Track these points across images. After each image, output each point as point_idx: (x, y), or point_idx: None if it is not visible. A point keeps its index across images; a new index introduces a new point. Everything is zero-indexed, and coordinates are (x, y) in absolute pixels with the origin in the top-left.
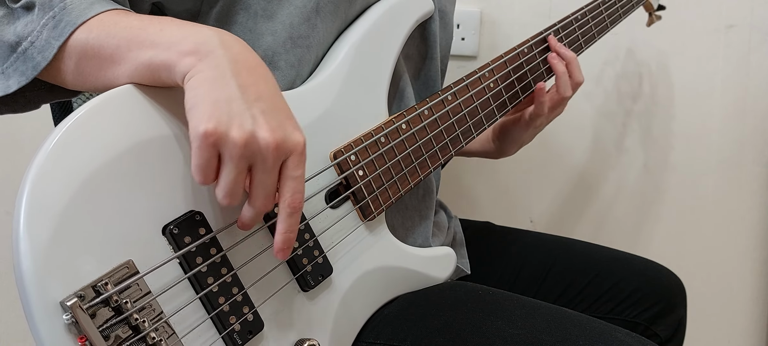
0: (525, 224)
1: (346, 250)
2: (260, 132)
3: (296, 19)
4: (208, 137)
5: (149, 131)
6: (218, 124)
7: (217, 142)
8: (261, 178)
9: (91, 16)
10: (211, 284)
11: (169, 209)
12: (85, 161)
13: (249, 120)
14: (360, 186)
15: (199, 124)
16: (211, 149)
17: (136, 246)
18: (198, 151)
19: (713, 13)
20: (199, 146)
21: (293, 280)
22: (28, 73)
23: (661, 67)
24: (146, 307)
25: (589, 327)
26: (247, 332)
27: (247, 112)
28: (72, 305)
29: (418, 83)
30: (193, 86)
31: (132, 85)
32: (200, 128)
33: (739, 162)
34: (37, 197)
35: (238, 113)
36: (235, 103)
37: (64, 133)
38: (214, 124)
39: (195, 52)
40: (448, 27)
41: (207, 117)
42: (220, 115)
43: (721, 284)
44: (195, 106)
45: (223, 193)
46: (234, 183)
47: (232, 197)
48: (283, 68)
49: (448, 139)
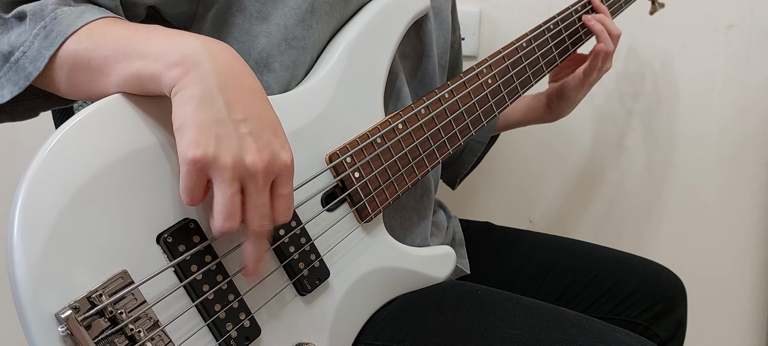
0: (525, 224)
1: (344, 252)
2: (247, 156)
3: (291, 21)
4: (196, 163)
5: (141, 140)
6: (206, 149)
7: (206, 168)
8: (253, 199)
9: (80, 25)
10: (207, 291)
11: (163, 217)
12: (78, 171)
13: (236, 142)
14: (356, 188)
15: (187, 151)
16: (200, 174)
17: (130, 256)
18: (186, 176)
19: (713, 13)
20: (188, 171)
21: (290, 284)
22: (20, 82)
23: (661, 67)
24: (142, 317)
25: (588, 327)
26: (244, 338)
27: (233, 133)
28: (67, 317)
29: (415, 82)
30: (179, 102)
31: (122, 95)
32: (188, 154)
33: (739, 162)
34: (30, 207)
35: (225, 136)
36: (222, 125)
37: (57, 143)
38: (202, 150)
39: (181, 63)
40: (445, 24)
41: (195, 143)
42: (207, 140)
43: (721, 284)
44: (182, 127)
45: (222, 217)
46: (230, 205)
47: (232, 219)
48: (278, 70)
49: (446, 137)
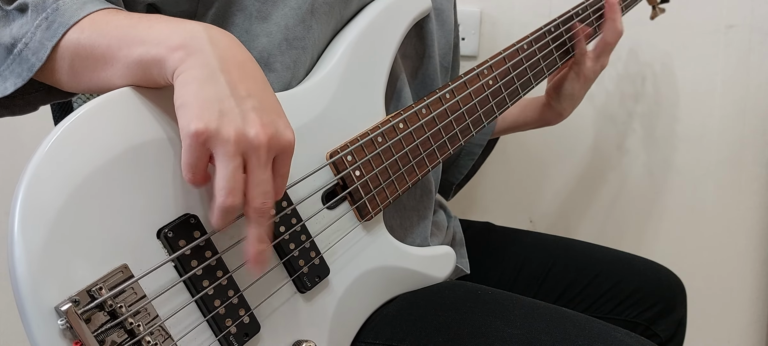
0: (525, 224)
1: (344, 250)
2: (251, 129)
3: (291, 21)
4: (198, 136)
5: (143, 134)
6: (208, 122)
7: (208, 141)
8: (256, 174)
9: (82, 16)
10: (207, 286)
11: (164, 212)
12: (80, 165)
13: (239, 117)
14: (357, 186)
15: (190, 123)
16: (202, 148)
17: (130, 250)
18: (188, 150)
19: (713, 13)
20: (190, 145)
21: (290, 281)
22: (23, 74)
23: (661, 67)
24: (141, 311)
25: (588, 327)
26: (244, 334)
27: (236, 108)
28: (67, 310)
29: (416, 83)
30: (182, 83)
31: (129, 88)
32: (191, 127)
33: (739, 162)
34: (31, 202)
35: (228, 111)
36: (225, 101)
37: (59, 137)
38: (204, 123)
39: (183, 46)
40: (446, 25)
41: (197, 116)
42: (210, 114)
43: (721, 284)
44: (184, 104)
45: (224, 192)
46: (232, 179)
47: (234, 195)
48: (279, 70)
49: (446, 137)
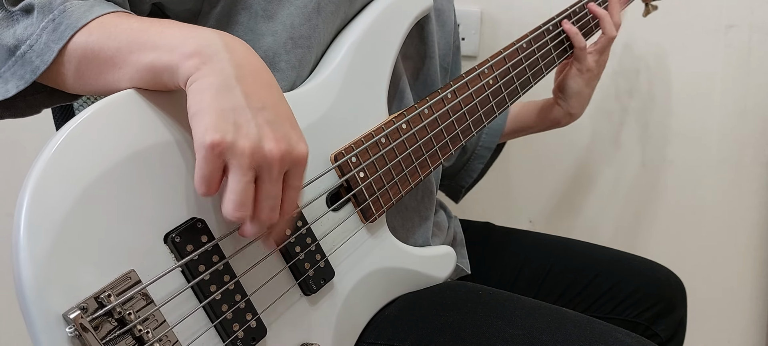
0: (525, 224)
1: (348, 253)
2: (266, 143)
3: (297, 20)
4: (214, 148)
5: (150, 138)
6: (225, 134)
7: (223, 153)
8: (267, 188)
9: (91, 19)
10: (214, 292)
11: (171, 216)
12: (86, 170)
13: (254, 130)
14: (361, 188)
15: (206, 135)
16: (217, 160)
17: (137, 255)
18: (203, 162)
19: (713, 13)
20: (205, 157)
21: (296, 285)
22: (26, 77)
23: (661, 68)
24: (150, 317)
25: (588, 328)
26: (251, 338)
27: (252, 121)
28: (75, 318)
29: (418, 84)
30: (196, 91)
31: (133, 91)
32: (207, 139)
33: (739, 162)
34: (36, 207)
35: (244, 123)
36: (241, 113)
37: (64, 141)
38: (220, 134)
39: (198, 53)
40: (447, 26)
41: (213, 127)
42: (226, 126)
43: (721, 284)
44: (199, 113)
45: (234, 205)
46: (244, 193)
47: (244, 208)
48: (284, 69)
49: (448, 137)
